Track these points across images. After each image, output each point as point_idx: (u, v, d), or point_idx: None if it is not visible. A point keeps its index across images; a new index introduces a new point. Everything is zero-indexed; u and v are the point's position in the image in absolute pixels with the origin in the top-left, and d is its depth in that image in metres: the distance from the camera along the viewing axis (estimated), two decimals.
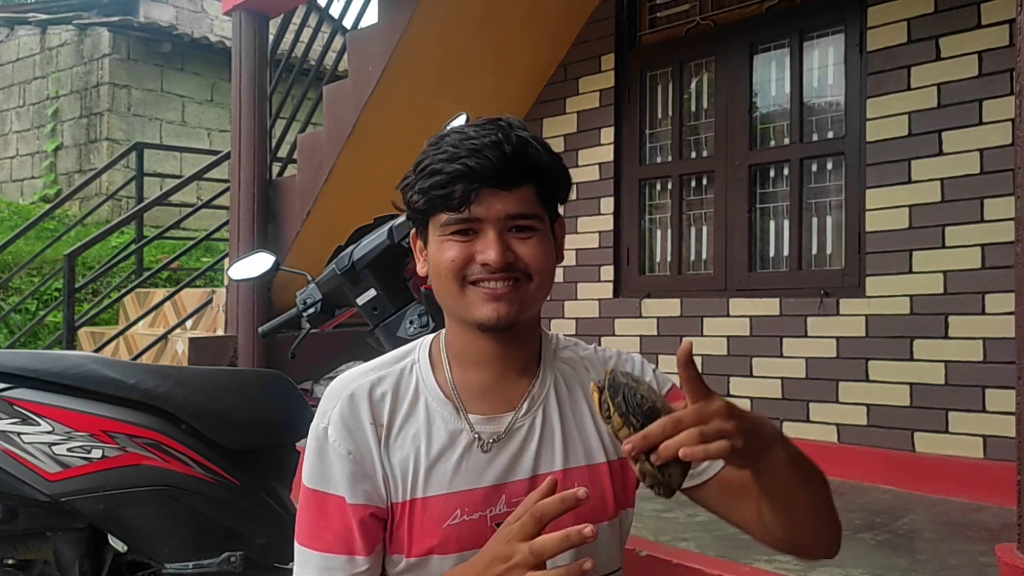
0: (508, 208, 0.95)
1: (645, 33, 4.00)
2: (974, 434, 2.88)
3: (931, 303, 3.00)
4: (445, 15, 3.52)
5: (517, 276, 0.97)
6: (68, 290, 4.54)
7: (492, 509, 0.99)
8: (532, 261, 0.97)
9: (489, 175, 0.94)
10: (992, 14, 2.86)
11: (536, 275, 0.98)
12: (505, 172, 0.94)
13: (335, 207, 3.80)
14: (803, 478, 0.94)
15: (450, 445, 1.00)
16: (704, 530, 2.53)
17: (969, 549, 2.33)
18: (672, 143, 3.88)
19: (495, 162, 0.93)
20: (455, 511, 0.98)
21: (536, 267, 0.98)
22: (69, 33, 8.54)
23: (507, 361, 1.04)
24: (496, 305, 0.96)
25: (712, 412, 0.82)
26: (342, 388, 1.03)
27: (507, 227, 0.97)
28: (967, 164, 2.92)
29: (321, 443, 1.01)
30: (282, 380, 1.82)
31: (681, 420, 0.81)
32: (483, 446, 1.00)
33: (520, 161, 0.95)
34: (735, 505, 1.04)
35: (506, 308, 0.97)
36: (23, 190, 8.89)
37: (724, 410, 0.83)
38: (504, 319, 0.97)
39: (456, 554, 0.98)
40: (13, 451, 1.58)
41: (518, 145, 0.95)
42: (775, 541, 1.01)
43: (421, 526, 0.99)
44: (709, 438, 0.80)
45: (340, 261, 1.80)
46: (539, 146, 0.99)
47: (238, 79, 4.06)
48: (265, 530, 1.68)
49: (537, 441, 1.02)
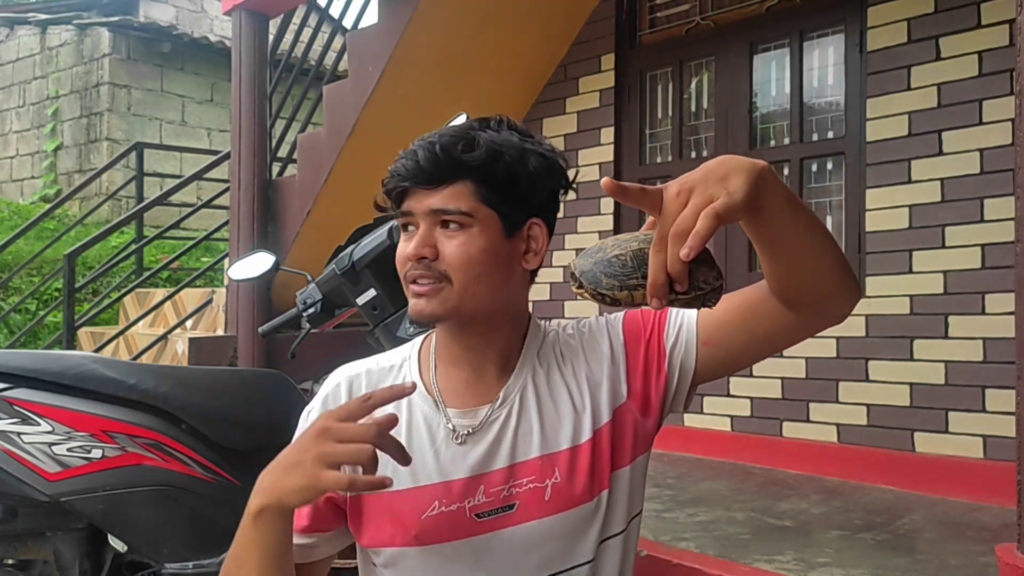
0: (432, 204, 0.98)
1: (645, 33, 4.00)
2: (974, 434, 2.88)
3: (931, 303, 3.00)
4: (445, 15, 3.52)
5: (437, 276, 0.98)
6: (68, 290, 4.54)
7: (471, 500, 1.00)
8: (452, 259, 0.97)
9: (414, 174, 0.98)
10: (992, 14, 2.87)
11: (458, 274, 0.97)
12: (428, 172, 0.97)
13: (335, 207, 3.80)
14: (805, 216, 0.88)
15: (428, 438, 1.02)
16: (704, 530, 2.53)
17: (969, 549, 2.33)
18: (672, 143, 3.88)
19: (420, 162, 0.97)
20: (433, 503, 0.99)
21: (456, 264, 0.97)
22: (69, 33, 8.54)
23: (483, 356, 1.05)
24: (417, 302, 0.99)
25: (672, 199, 0.78)
26: (333, 378, 1.10)
27: (436, 222, 0.99)
28: (967, 164, 2.92)
29: (304, 424, 1.07)
30: (282, 380, 1.82)
31: (661, 236, 0.77)
32: (458, 438, 1.01)
33: (448, 159, 0.97)
34: (733, 346, 1.03)
35: (425, 305, 0.98)
36: (23, 190, 8.89)
37: (676, 186, 0.78)
38: (424, 316, 0.99)
39: (436, 545, 0.99)
40: (13, 451, 1.58)
41: (448, 144, 0.97)
42: (795, 305, 0.96)
43: (400, 518, 1.00)
44: (689, 224, 0.76)
45: (340, 261, 1.80)
46: (486, 144, 0.98)
47: (238, 79, 4.06)
48: None
49: (513, 430, 1.02)
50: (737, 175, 0.79)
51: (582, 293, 0.84)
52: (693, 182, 0.78)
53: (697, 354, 1.04)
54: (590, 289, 0.83)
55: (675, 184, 0.78)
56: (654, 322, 1.07)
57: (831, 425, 3.24)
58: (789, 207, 0.85)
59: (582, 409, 1.04)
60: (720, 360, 1.05)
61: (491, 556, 0.99)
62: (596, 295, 0.83)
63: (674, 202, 0.77)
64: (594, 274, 0.82)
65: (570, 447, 1.02)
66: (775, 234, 0.88)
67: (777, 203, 0.84)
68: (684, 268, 0.76)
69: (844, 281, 0.94)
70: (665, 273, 0.77)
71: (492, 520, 1.00)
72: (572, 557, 1.01)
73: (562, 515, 1.00)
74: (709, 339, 1.03)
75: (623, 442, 1.05)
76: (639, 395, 1.05)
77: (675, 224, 0.76)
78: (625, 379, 1.06)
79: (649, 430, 1.07)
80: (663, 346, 1.05)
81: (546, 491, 1.00)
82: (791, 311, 0.97)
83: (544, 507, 1.00)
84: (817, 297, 0.95)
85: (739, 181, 0.78)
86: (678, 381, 1.05)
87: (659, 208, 0.78)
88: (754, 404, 3.47)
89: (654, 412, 1.06)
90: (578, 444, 1.02)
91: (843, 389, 3.21)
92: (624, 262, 0.80)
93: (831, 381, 3.24)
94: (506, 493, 1.00)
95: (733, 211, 0.77)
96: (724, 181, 0.78)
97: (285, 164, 4.38)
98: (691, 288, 0.78)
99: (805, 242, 0.89)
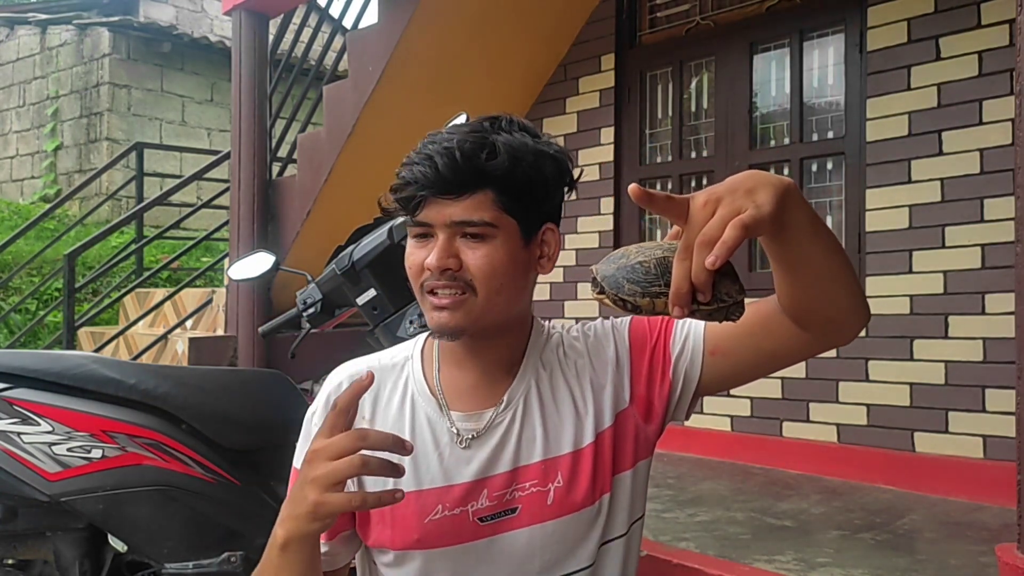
0: (454, 215, 0.94)
1: (645, 33, 4.00)
2: (974, 434, 2.88)
3: (931, 303, 3.00)
4: (445, 15, 3.52)
5: (462, 287, 0.95)
6: (68, 290, 4.54)
7: (474, 504, 0.99)
8: (477, 271, 0.95)
9: (434, 183, 0.93)
10: (992, 14, 2.87)
11: (482, 286, 0.95)
12: (450, 180, 0.93)
13: (335, 207, 3.80)
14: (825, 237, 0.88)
15: (431, 441, 1.01)
16: (704, 530, 2.53)
17: (969, 549, 2.33)
18: (672, 143, 3.88)
19: (440, 170, 0.93)
20: (436, 506, 0.99)
21: (482, 276, 0.95)
22: (69, 33, 8.54)
23: (488, 360, 1.04)
24: (439, 315, 0.96)
25: (699, 209, 0.77)
26: (335, 377, 1.09)
27: (457, 233, 0.95)
28: (967, 164, 2.92)
29: (307, 426, 1.07)
30: (282, 380, 1.82)
31: (687, 245, 0.77)
32: (462, 442, 1.01)
33: (470, 168, 0.94)
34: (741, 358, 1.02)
35: (448, 318, 0.96)
36: (23, 190, 8.89)
37: (704, 196, 0.77)
38: (448, 329, 0.97)
39: (440, 549, 0.99)
40: (13, 451, 1.57)
41: (470, 151, 0.94)
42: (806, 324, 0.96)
43: (403, 521, 0.99)
44: (716, 234, 0.75)
45: (340, 261, 1.80)
46: (506, 151, 0.95)
47: (238, 79, 4.06)
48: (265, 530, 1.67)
49: (517, 434, 1.01)
50: (764, 189, 0.79)
51: (602, 299, 0.83)
52: (721, 193, 0.78)
53: (703, 364, 1.04)
54: (611, 294, 0.82)
55: (702, 194, 0.78)
56: (660, 329, 1.06)
57: (831, 425, 3.24)
58: (811, 226, 0.85)
59: (584, 412, 1.03)
60: (725, 372, 1.04)
61: (493, 560, 0.99)
62: (617, 300, 0.82)
63: (701, 212, 0.77)
64: (616, 280, 0.81)
65: (572, 451, 1.02)
66: (795, 252, 0.87)
67: (801, 221, 0.83)
68: (709, 277, 0.76)
69: (857, 305, 0.94)
70: (689, 282, 0.77)
71: (495, 524, 1.00)
72: (573, 561, 1.01)
73: (564, 519, 1.00)
74: (716, 349, 1.03)
75: (625, 446, 1.04)
76: (642, 401, 1.05)
77: (702, 233, 0.76)
78: (629, 384, 1.05)
79: (651, 436, 1.07)
80: (668, 354, 1.05)
81: (548, 495, 1.00)
82: (801, 330, 0.96)
83: (546, 511, 1.00)
84: (829, 318, 0.95)
85: (766, 195, 0.78)
86: (682, 389, 1.05)
87: (685, 217, 0.78)
88: (754, 404, 3.47)
89: (656, 418, 1.06)
90: (580, 448, 1.02)
91: (843, 389, 3.21)
92: (647, 269, 0.80)
93: (831, 381, 3.24)
94: (508, 497, 1.00)
95: (760, 224, 0.77)
96: (752, 194, 0.78)
97: (285, 164, 4.38)
98: (713, 299, 0.78)
99: (823, 263, 0.89)
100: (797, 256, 0.87)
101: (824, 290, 0.91)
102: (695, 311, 0.78)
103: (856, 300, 0.94)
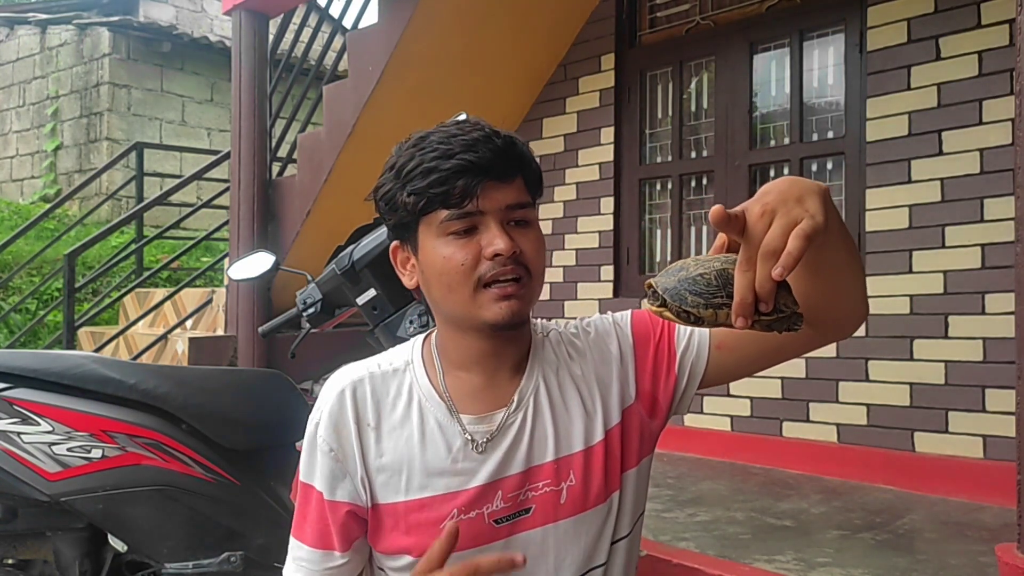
0: (507, 198, 0.96)
1: (645, 33, 4.00)
2: (974, 434, 2.88)
3: (931, 303, 3.00)
4: (445, 15, 3.52)
5: (520, 274, 0.96)
6: (68, 290, 4.54)
7: (489, 506, 0.99)
8: (532, 254, 0.97)
9: (489, 167, 0.95)
10: (992, 14, 2.87)
11: (535, 269, 0.98)
12: (503, 165, 0.96)
13: (335, 207, 3.80)
14: (849, 240, 0.90)
15: (444, 446, 1.00)
16: (704, 530, 2.53)
17: (969, 549, 2.33)
18: (672, 143, 3.88)
19: (492, 155, 0.95)
20: (452, 511, 0.99)
21: (535, 260, 0.98)
22: (69, 33, 8.54)
23: (500, 360, 1.03)
24: (507, 304, 0.96)
25: (756, 220, 0.76)
26: (336, 384, 1.05)
27: (507, 219, 0.97)
28: (967, 164, 2.92)
29: (312, 438, 1.04)
30: (282, 380, 1.82)
31: (748, 256, 0.76)
32: (477, 447, 1.00)
33: (512, 153, 0.97)
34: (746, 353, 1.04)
35: (517, 306, 0.96)
36: (23, 190, 8.89)
37: (759, 207, 0.77)
38: (516, 317, 0.97)
39: (457, 552, 0.98)
40: (13, 451, 1.58)
41: (506, 138, 0.98)
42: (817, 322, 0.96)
43: (419, 527, 0.99)
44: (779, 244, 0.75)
45: (340, 261, 1.80)
46: (519, 140, 1.01)
47: (238, 79, 4.06)
48: (265, 530, 1.68)
49: (529, 434, 1.01)
50: (811, 197, 0.79)
51: (662, 311, 0.83)
52: (774, 204, 0.78)
53: (708, 358, 1.04)
54: (674, 307, 0.82)
55: (757, 205, 0.78)
56: (664, 324, 1.06)
57: (831, 425, 3.24)
58: (840, 231, 0.87)
59: (593, 411, 1.03)
60: (729, 366, 1.05)
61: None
62: (680, 313, 0.82)
63: (759, 223, 0.77)
64: (679, 292, 0.81)
65: (583, 449, 1.02)
66: (824, 256, 0.87)
67: (834, 227, 0.84)
68: (773, 288, 0.76)
69: (863, 304, 0.97)
70: (753, 293, 0.77)
71: (510, 525, 1.00)
72: (589, 559, 1.01)
73: (577, 517, 1.00)
74: (722, 343, 1.04)
75: (631, 443, 1.05)
76: (647, 396, 1.06)
77: (763, 244, 0.76)
78: (634, 380, 1.06)
79: (654, 431, 1.07)
80: (673, 348, 1.05)
81: (561, 494, 1.00)
82: (809, 327, 0.96)
83: (560, 510, 1.00)
84: (838, 317, 0.97)
85: (815, 203, 0.79)
86: (687, 384, 1.05)
87: (740, 230, 0.77)
88: (754, 404, 3.47)
89: (660, 414, 1.07)
90: (591, 446, 1.02)
91: (843, 389, 3.21)
92: (709, 280, 0.80)
93: (831, 381, 3.24)
94: (522, 497, 1.00)
95: (818, 232, 0.77)
96: (802, 202, 0.78)
97: (285, 164, 4.38)
98: (774, 310, 0.78)
99: (847, 267, 0.91)
100: (825, 259, 0.88)
101: (842, 291, 0.93)
102: (756, 321, 0.79)
103: (864, 299, 0.97)
